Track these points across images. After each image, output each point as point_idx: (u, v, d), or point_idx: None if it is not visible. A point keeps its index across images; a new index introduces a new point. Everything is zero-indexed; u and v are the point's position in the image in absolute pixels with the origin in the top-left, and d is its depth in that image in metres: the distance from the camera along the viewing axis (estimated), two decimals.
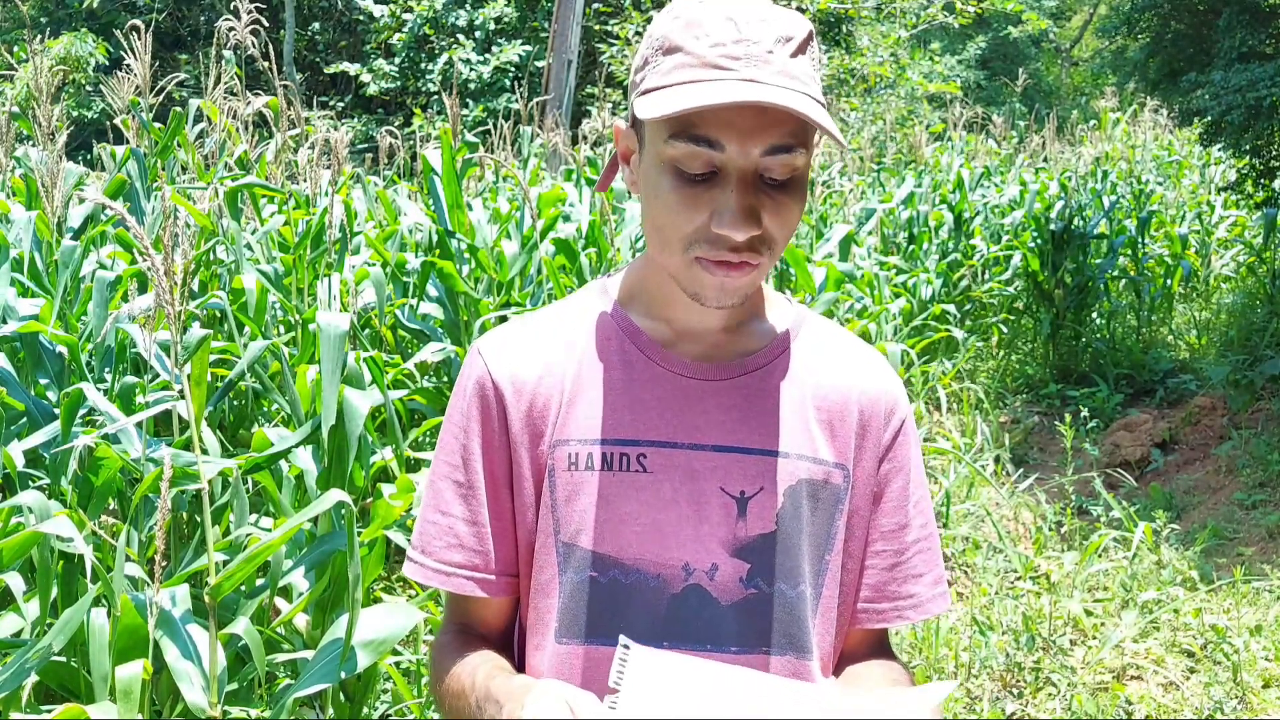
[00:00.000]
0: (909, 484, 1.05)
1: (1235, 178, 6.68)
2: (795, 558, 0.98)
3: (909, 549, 1.04)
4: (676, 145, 0.90)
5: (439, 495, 1.02)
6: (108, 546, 2.06)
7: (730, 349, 1.02)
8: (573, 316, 1.05)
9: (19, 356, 2.49)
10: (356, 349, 2.58)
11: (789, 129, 0.89)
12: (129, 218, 1.50)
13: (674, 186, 0.91)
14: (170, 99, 5.19)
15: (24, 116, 3.60)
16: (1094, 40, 21.86)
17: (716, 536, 0.96)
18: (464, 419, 1.02)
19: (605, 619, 0.96)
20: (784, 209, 0.92)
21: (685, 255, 0.92)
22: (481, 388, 1.01)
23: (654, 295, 1.02)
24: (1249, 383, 5.26)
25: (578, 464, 0.98)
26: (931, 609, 1.05)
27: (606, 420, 0.98)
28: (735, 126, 0.88)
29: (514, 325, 1.06)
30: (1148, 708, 2.80)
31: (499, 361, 1.02)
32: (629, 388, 1.00)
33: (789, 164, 0.90)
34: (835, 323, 1.12)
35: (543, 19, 13.27)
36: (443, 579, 1.00)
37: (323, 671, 1.68)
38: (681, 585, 0.96)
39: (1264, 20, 5.46)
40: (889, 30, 12.62)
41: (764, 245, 0.92)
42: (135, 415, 1.96)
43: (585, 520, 0.97)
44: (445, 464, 1.02)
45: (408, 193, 5.12)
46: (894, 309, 5.15)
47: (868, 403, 1.03)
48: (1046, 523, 4.00)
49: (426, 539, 1.01)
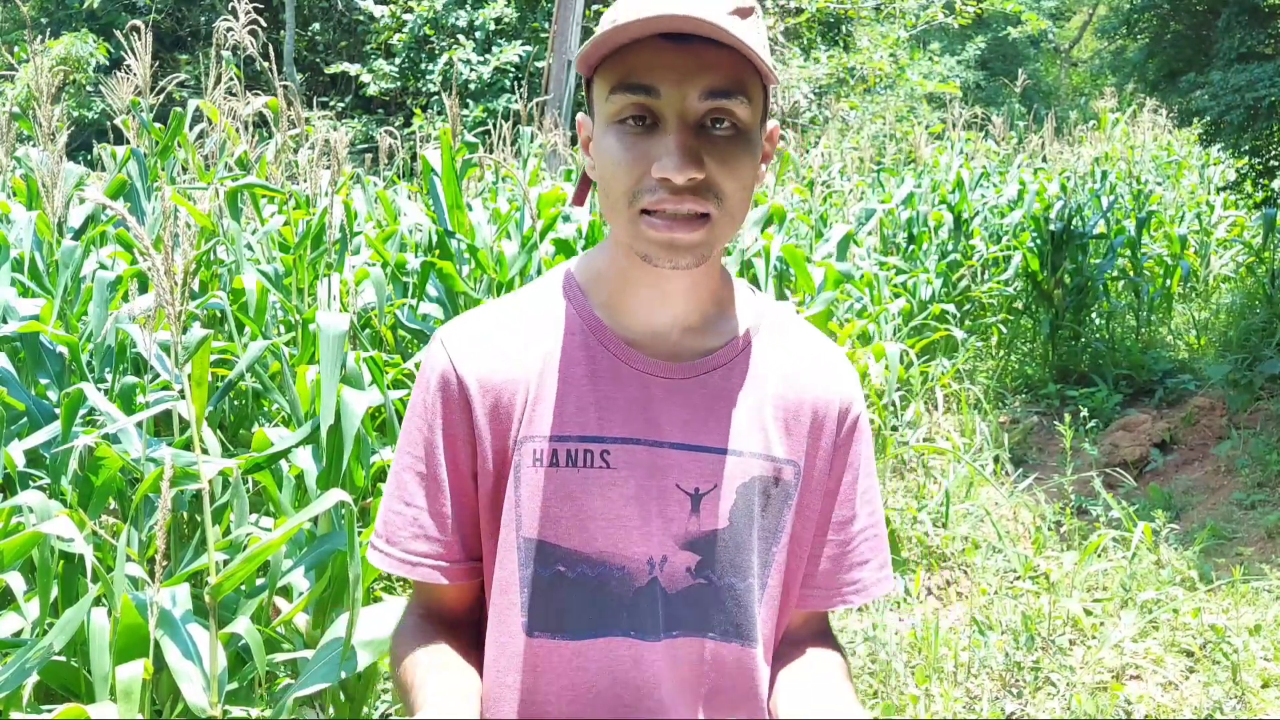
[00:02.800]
0: (858, 478, 1.08)
1: (1234, 178, 6.69)
2: (744, 552, 1.01)
3: (854, 538, 1.08)
4: (615, 99, 0.91)
5: (403, 486, 1.03)
6: (108, 546, 2.06)
7: (693, 347, 1.03)
8: (537, 308, 1.05)
9: (19, 356, 2.49)
10: (356, 349, 2.59)
11: (726, 74, 0.90)
12: (130, 218, 1.50)
13: (616, 142, 0.92)
14: (170, 99, 5.20)
15: (24, 117, 3.61)
16: (1093, 41, 21.86)
17: (669, 531, 0.99)
18: (428, 411, 1.02)
19: (573, 611, 0.98)
20: (729, 159, 0.91)
21: (631, 209, 0.92)
22: (445, 381, 1.01)
23: (616, 284, 1.02)
24: (1248, 383, 5.27)
25: (543, 460, 0.99)
26: (875, 591, 1.09)
27: (572, 417, 0.99)
28: (670, 70, 0.89)
29: (478, 318, 1.05)
30: (1147, 707, 2.80)
31: (464, 356, 1.02)
32: (594, 385, 1.00)
33: (729, 109, 0.90)
34: (797, 317, 1.13)
35: (543, 19, 13.27)
36: (408, 568, 1.02)
37: (323, 671, 1.68)
38: (646, 578, 0.99)
39: (1263, 20, 5.47)
40: (889, 31, 12.63)
41: (710, 194, 0.91)
42: (135, 415, 1.97)
43: (550, 516, 0.98)
44: (409, 455, 1.03)
45: (408, 193, 5.13)
46: (893, 309, 5.15)
47: (823, 403, 1.06)
48: (1046, 522, 4.00)
49: (392, 529, 1.03)
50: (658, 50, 0.89)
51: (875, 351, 4.39)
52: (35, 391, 2.45)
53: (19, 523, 1.85)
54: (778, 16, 12.05)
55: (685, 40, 0.89)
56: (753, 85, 0.92)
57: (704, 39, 0.89)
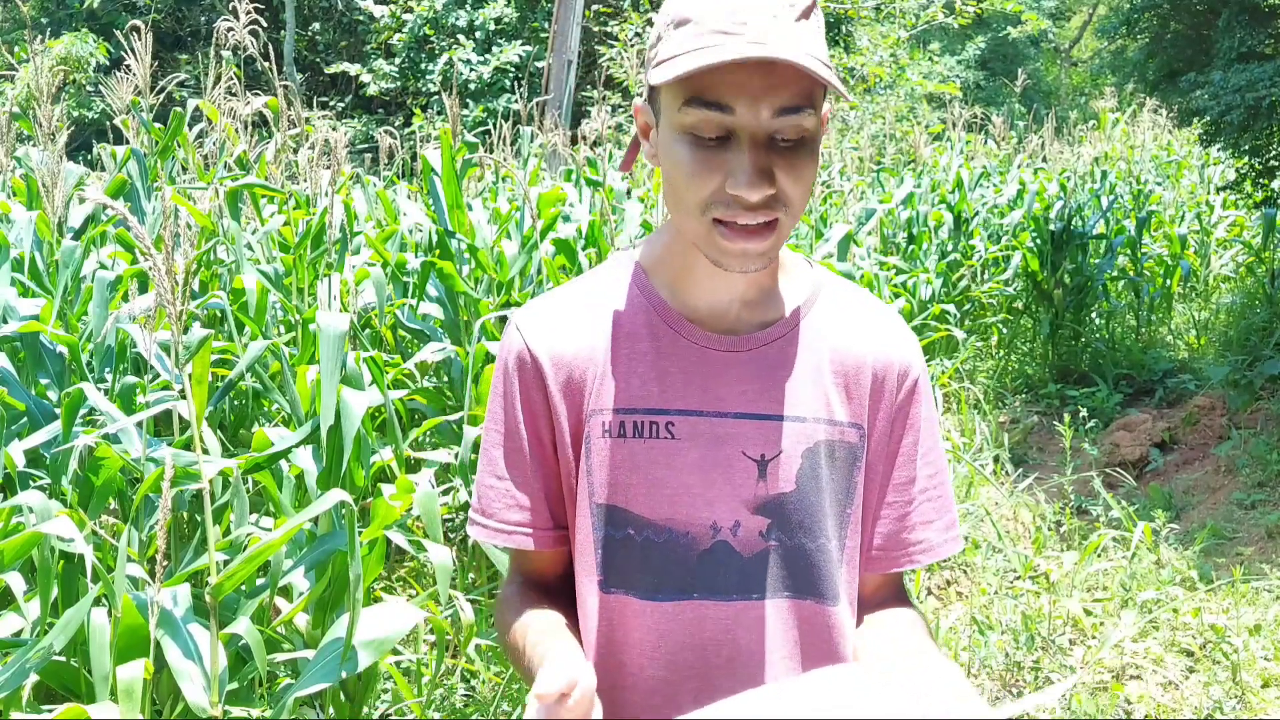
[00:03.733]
0: (919, 440, 1.11)
1: (1234, 178, 6.69)
2: (814, 514, 1.05)
3: (915, 499, 1.11)
4: (689, 112, 0.94)
5: (493, 461, 1.10)
6: (108, 546, 2.06)
7: (751, 320, 1.08)
8: (602, 290, 1.11)
9: (19, 356, 2.50)
10: (356, 349, 2.59)
11: (796, 90, 0.93)
12: (130, 217, 1.50)
13: (689, 152, 0.96)
14: (170, 99, 5.20)
15: (24, 116, 3.61)
16: (1093, 41, 21.87)
17: (740, 497, 1.04)
18: (508, 390, 1.10)
19: (643, 573, 1.05)
20: (797, 168, 0.96)
21: (703, 218, 0.97)
22: (521, 361, 1.09)
23: (677, 267, 1.08)
24: (1248, 383, 5.27)
25: (611, 432, 1.05)
26: (942, 552, 1.12)
27: (637, 391, 1.06)
28: (744, 89, 0.92)
29: (548, 301, 1.12)
30: (1147, 707, 2.81)
31: (536, 336, 1.09)
32: (657, 360, 1.06)
33: (798, 125, 0.94)
34: (854, 285, 1.17)
35: (543, 19, 13.27)
36: (505, 537, 1.10)
37: (323, 671, 1.68)
38: (710, 541, 1.04)
39: (1263, 20, 5.47)
40: (889, 31, 12.63)
41: (780, 204, 0.96)
42: (136, 415, 1.97)
43: (619, 484, 1.05)
44: (495, 432, 1.11)
45: (408, 193, 5.13)
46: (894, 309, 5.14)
47: (881, 365, 1.09)
48: (1046, 522, 4.00)
49: (486, 502, 1.10)
50: (733, 69, 0.92)
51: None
52: (35, 391, 2.45)
53: (19, 523, 1.85)
54: None
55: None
56: (818, 93, 0.97)
57: None
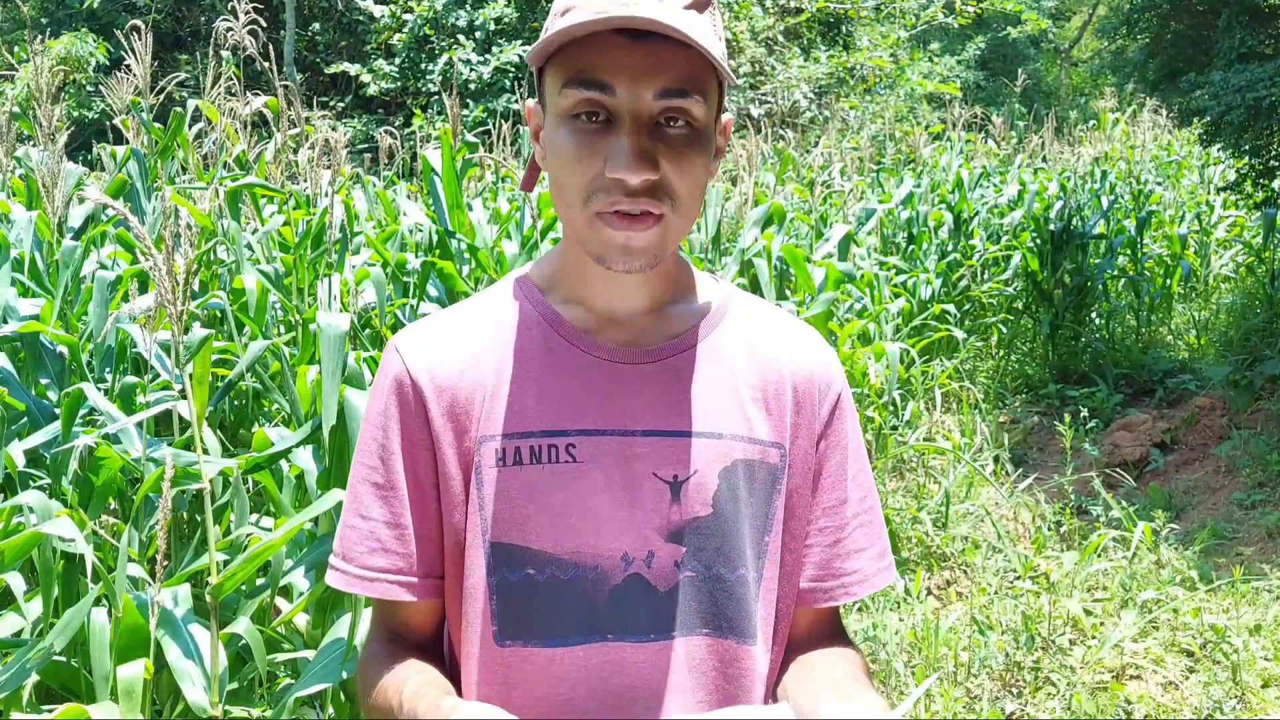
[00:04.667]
0: (847, 458, 1.03)
1: (1234, 178, 6.68)
2: (734, 541, 0.96)
3: (849, 523, 1.02)
4: (568, 94, 0.89)
5: (358, 499, 0.98)
6: (108, 546, 2.06)
7: (656, 331, 0.99)
8: (492, 309, 1.02)
9: (20, 356, 2.50)
10: (357, 349, 2.59)
11: (681, 72, 0.88)
12: (131, 217, 1.50)
13: (570, 138, 0.90)
14: (170, 99, 5.19)
15: (24, 116, 3.61)
16: (1093, 41, 21.87)
17: (651, 523, 0.94)
18: (382, 418, 0.98)
19: (546, 617, 0.94)
20: (683, 159, 0.90)
21: (585, 210, 0.90)
22: (400, 385, 0.98)
23: (572, 279, 1.00)
24: (1249, 383, 5.27)
25: (505, 459, 0.94)
26: (877, 583, 1.03)
27: (532, 412, 0.95)
28: (624, 68, 0.87)
29: (431, 321, 1.03)
30: (1147, 707, 2.80)
31: (417, 358, 0.98)
32: (554, 377, 0.97)
33: (684, 109, 0.89)
34: (762, 300, 1.09)
35: (542, 19, 13.27)
36: (366, 585, 0.96)
37: (324, 671, 1.68)
38: (622, 575, 0.94)
39: (1264, 20, 5.47)
40: (888, 31, 12.63)
41: (664, 195, 0.89)
42: (136, 415, 1.97)
43: (515, 517, 0.94)
44: (364, 466, 0.99)
45: (408, 193, 5.12)
46: (893, 309, 5.15)
47: (802, 379, 1.01)
48: (1046, 522, 4.00)
49: (348, 545, 0.98)
50: (613, 47, 0.87)
51: (875, 351, 4.39)
52: (35, 391, 2.45)
53: (19, 523, 1.85)
54: (777, 16, 12.06)
55: (641, 37, 0.87)
56: (708, 82, 0.91)
57: (660, 36, 0.87)
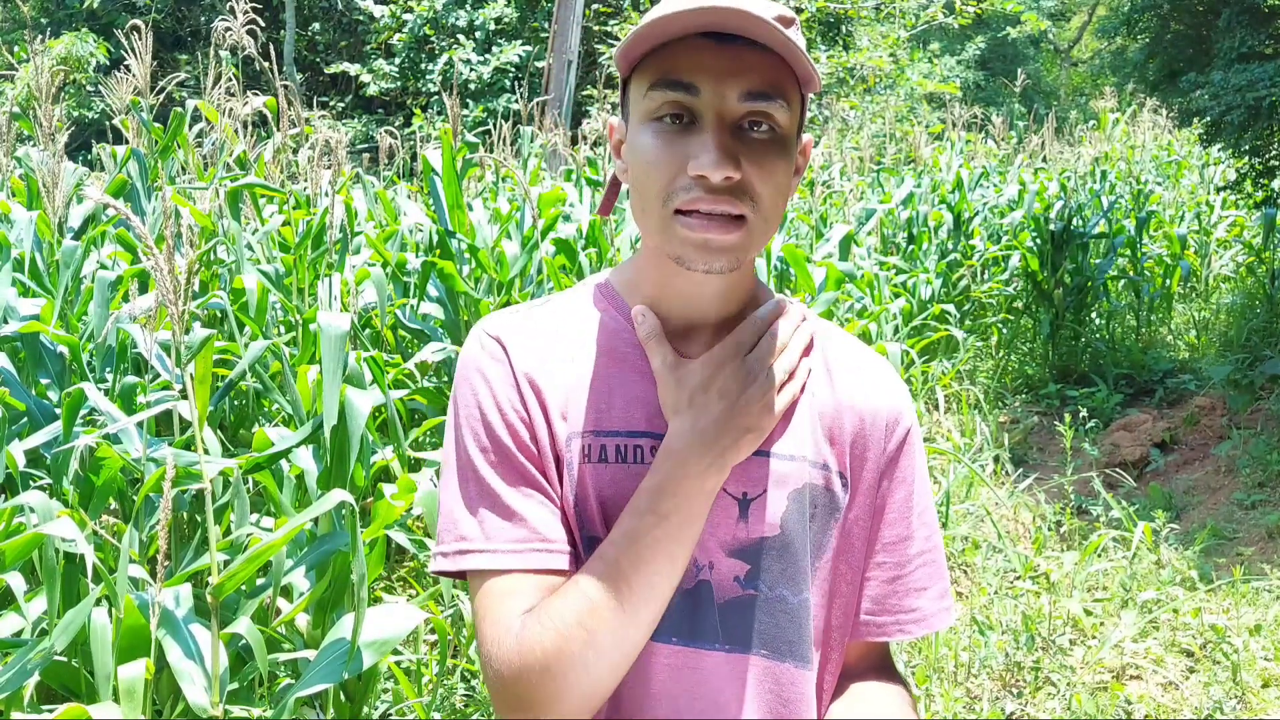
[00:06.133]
0: (912, 495, 1.01)
1: (1234, 178, 6.69)
2: (797, 563, 0.95)
3: (911, 561, 1.00)
4: (653, 96, 0.89)
5: (479, 482, 0.94)
6: (109, 547, 2.06)
7: None
8: (576, 308, 1.02)
9: (20, 356, 2.49)
10: (357, 349, 2.59)
11: (766, 76, 0.88)
12: (132, 217, 1.50)
13: (652, 140, 0.90)
14: (170, 99, 5.19)
15: (24, 116, 3.61)
16: (1093, 41, 21.87)
17: (715, 536, 0.93)
18: (493, 399, 0.95)
19: None
20: (766, 162, 0.89)
21: (664, 210, 0.89)
22: (502, 368, 0.97)
23: (650, 287, 0.99)
24: (1249, 383, 5.27)
25: (590, 455, 0.94)
26: (935, 624, 1.01)
27: (618, 412, 0.95)
28: (709, 68, 0.87)
29: (519, 318, 1.01)
30: (1147, 707, 2.81)
31: (514, 347, 0.97)
32: (637, 378, 0.97)
33: (768, 113, 0.89)
34: (837, 327, 1.09)
35: (543, 19, 13.27)
36: (515, 558, 0.91)
37: (325, 671, 1.68)
38: (693, 580, 0.93)
39: (1264, 20, 5.47)
40: (889, 31, 12.63)
41: (746, 196, 0.88)
42: (136, 415, 1.97)
43: (599, 512, 0.94)
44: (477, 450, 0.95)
45: (408, 193, 5.13)
46: (894, 309, 5.15)
47: (870, 412, 1.00)
48: (1046, 522, 4.00)
49: (488, 529, 0.93)
50: (699, 49, 0.88)
51: (875, 351, 4.38)
52: (36, 391, 2.45)
53: (20, 523, 1.85)
54: None
55: (728, 40, 0.88)
56: (792, 91, 0.91)
57: (746, 41, 0.88)
